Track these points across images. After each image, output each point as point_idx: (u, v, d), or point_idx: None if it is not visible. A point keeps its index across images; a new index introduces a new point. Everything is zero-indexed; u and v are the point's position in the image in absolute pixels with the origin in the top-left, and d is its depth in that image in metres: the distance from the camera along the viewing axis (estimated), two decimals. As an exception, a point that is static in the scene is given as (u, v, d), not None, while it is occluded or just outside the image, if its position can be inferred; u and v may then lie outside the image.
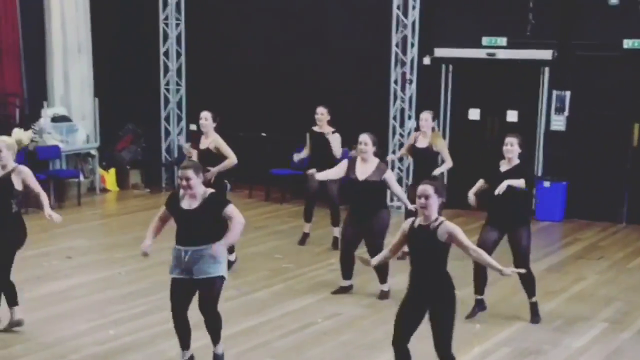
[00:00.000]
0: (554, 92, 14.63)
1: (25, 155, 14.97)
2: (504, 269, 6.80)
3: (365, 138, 9.83)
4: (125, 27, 17.57)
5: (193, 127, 17.47)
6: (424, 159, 11.48)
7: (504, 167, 9.19)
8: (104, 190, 16.87)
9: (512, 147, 9.11)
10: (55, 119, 15.95)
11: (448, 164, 11.44)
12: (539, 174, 14.78)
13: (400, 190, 10.22)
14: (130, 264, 11.22)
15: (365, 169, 9.80)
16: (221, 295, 7.42)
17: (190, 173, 7.16)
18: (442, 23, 15.02)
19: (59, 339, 8.43)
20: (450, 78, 15.36)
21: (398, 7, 15.03)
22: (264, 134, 16.61)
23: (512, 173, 9.03)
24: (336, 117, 12.48)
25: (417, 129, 11.87)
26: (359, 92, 15.53)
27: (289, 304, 9.79)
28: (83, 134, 16.49)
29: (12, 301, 8.47)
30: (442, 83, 15.36)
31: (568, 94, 14.56)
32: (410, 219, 6.84)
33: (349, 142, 14.79)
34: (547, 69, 14.61)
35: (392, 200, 14.17)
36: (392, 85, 15.29)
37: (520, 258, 9.14)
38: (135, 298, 9.78)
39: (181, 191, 7.28)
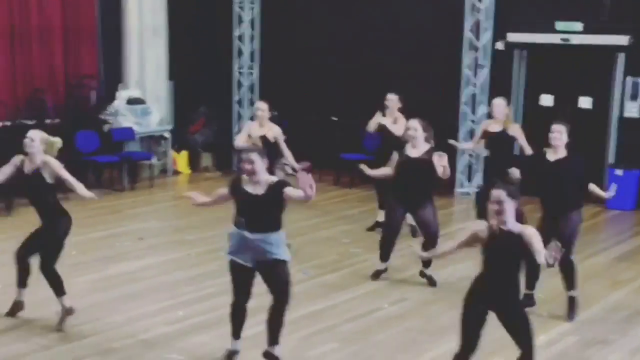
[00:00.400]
0: (628, 79, 14.37)
1: (100, 137, 15.31)
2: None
3: (414, 124, 9.68)
4: (200, 11, 17.74)
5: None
6: (499, 145, 11.01)
7: (551, 156, 8.88)
8: (176, 172, 17.09)
9: (560, 135, 8.85)
10: (130, 101, 16.17)
11: (527, 150, 10.88)
12: (612, 161, 14.56)
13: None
14: (200, 246, 11.40)
15: (415, 153, 9.69)
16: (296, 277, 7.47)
17: (255, 156, 7.08)
18: (515, 8, 14.84)
19: (129, 319, 8.60)
20: (524, 63, 15.20)
21: (472, -8, 14.93)
22: (334, 118, 16.65)
23: (564, 163, 8.79)
24: (407, 103, 12.42)
25: (490, 116, 11.48)
26: (430, 77, 15.45)
27: (356, 288, 9.84)
28: (157, 116, 16.70)
29: (60, 291, 8.42)
30: (515, 68, 15.20)
31: (643, 80, 14.31)
32: (484, 222, 6.52)
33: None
34: (622, 55, 14.33)
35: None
36: (465, 70, 15.19)
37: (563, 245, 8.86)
38: (203, 280, 9.92)
39: (244, 176, 7.17)
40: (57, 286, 8.33)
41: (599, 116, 14.61)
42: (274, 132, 11.18)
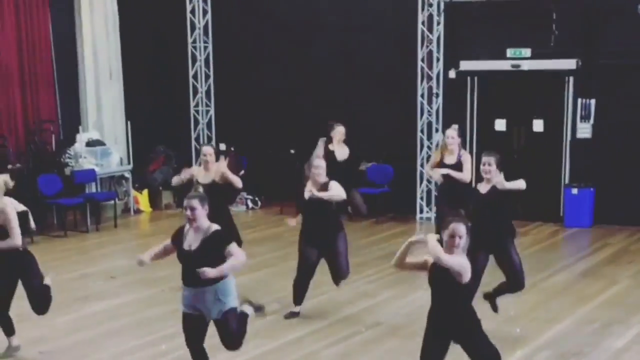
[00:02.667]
0: (579, 100, 14.86)
1: (62, 180, 15.38)
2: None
3: (317, 164, 9.82)
4: (154, 52, 17.99)
5: (223, 146, 17.86)
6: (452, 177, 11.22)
7: (482, 188, 8.92)
8: (138, 211, 17.22)
9: (489, 167, 8.81)
10: (90, 144, 16.32)
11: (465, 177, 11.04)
12: (567, 181, 15.01)
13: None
14: (173, 281, 11.39)
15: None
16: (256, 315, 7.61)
17: (195, 203, 7.03)
18: (466, 37, 15.28)
19: (114, 355, 8.72)
20: (476, 90, 15.63)
21: (423, 23, 15.35)
22: (292, 151, 16.89)
23: (493, 194, 8.79)
24: (365, 132, 12.74)
25: (445, 146, 11.47)
26: (387, 107, 15.82)
27: (332, 315, 10.04)
28: (116, 157, 16.86)
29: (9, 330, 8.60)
30: (468, 95, 15.62)
31: (593, 101, 14.77)
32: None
33: (377, 157, 15.16)
34: (571, 78, 14.85)
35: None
36: (419, 99, 15.58)
37: (515, 275, 8.92)
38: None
39: (186, 226, 7.17)
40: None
41: (553, 138, 15.08)
42: (221, 168, 11.01)
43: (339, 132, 13.55)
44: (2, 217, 8.31)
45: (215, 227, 7.13)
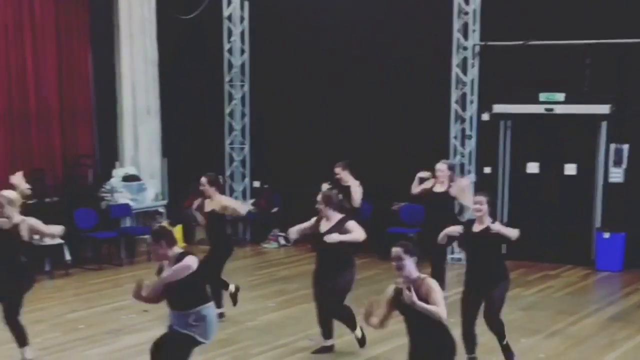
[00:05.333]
0: (612, 145, 14.91)
1: (98, 214, 15.61)
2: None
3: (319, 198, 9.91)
4: (191, 90, 18.23)
5: (257, 184, 18.05)
6: (439, 203, 12.05)
7: (476, 227, 8.97)
8: (172, 246, 17.33)
9: (481, 207, 8.92)
10: (126, 178, 16.57)
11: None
12: (598, 225, 15.01)
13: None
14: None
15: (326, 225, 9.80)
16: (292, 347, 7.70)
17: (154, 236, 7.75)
18: (500, 80, 15.37)
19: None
20: (509, 133, 15.71)
21: (457, 65, 15.48)
22: (325, 187, 16.92)
23: (485, 234, 8.84)
24: (397, 172, 12.85)
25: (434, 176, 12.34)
26: (420, 147, 15.89)
27: (362, 352, 10.09)
28: (152, 192, 17.08)
29: (23, 341, 8.90)
30: (501, 138, 15.71)
31: (626, 147, 14.81)
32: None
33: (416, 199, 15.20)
34: (604, 123, 14.89)
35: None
36: (452, 140, 15.69)
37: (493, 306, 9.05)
38: (215, 348, 10.10)
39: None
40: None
41: (585, 182, 15.10)
42: (222, 202, 11.57)
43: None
44: (27, 226, 8.61)
45: (181, 252, 7.72)
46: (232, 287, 11.43)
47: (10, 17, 14.95)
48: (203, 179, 11.59)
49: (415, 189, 12.51)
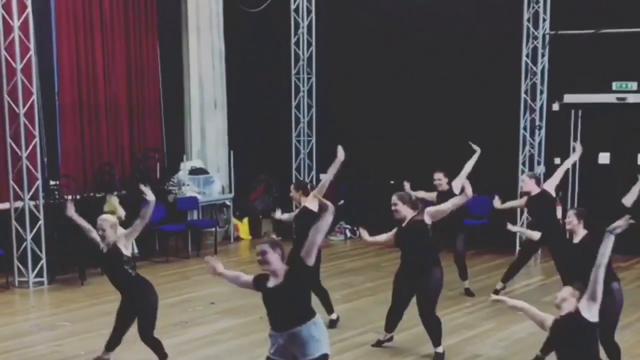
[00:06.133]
0: (686, 135, 14.58)
1: (165, 207, 15.71)
2: None
3: (393, 199, 9.58)
4: (258, 83, 18.27)
5: (323, 177, 17.97)
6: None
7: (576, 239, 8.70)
8: (238, 238, 17.47)
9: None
10: (193, 172, 16.67)
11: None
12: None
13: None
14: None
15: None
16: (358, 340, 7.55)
17: (266, 247, 6.81)
18: (570, 69, 15.11)
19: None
20: (580, 123, 15.44)
21: (527, 55, 15.27)
22: (392, 182, 16.89)
23: (583, 246, 8.54)
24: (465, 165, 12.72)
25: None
26: (489, 138, 15.68)
27: (428, 346, 9.99)
28: (218, 185, 17.18)
29: (163, 355, 8.89)
30: (572, 128, 15.45)
31: (700, 136, 14.48)
32: None
33: (479, 188, 14.98)
34: (678, 112, 14.57)
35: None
36: (522, 131, 15.47)
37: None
38: (280, 341, 10.12)
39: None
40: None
41: (657, 172, 14.75)
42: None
43: None
44: (123, 240, 8.64)
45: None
46: None
47: (80, 12, 15.10)
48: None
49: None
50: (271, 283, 6.85)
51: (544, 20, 15.30)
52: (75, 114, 15.21)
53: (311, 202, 10.81)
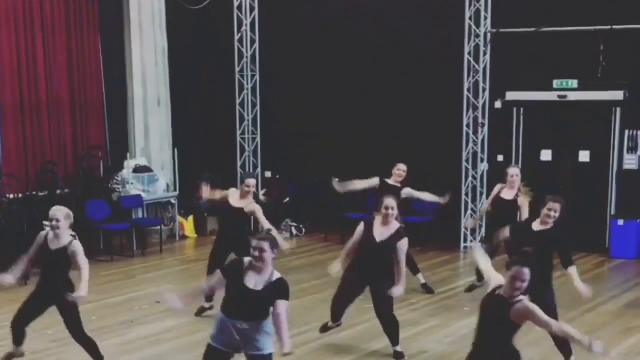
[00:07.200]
0: (627, 132, 14.79)
1: (110, 206, 15.58)
2: None
3: (391, 203, 9.36)
4: (202, 81, 18.20)
5: (268, 174, 18.02)
6: (507, 211, 11.57)
7: (537, 226, 8.88)
8: (184, 237, 17.38)
9: (555, 214, 8.76)
10: (137, 170, 16.53)
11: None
12: (613, 212, 14.91)
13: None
14: (217, 307, 11.54)
15: (383, 232, 9.41)
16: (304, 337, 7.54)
17: (266, 245, 6.78)
18: (512, 67, 15.27)
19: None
20: (522, 120, 15.61)
21: (469, 53, 15.40)
22: (337, 179, 16.90)
23: (545, 235, 8.75)
24: (410, 161, 12.77)
25: (504, 182, 11.90)
26: (432, 136, 15.85)
27: (374, 343, 10.05)
28: (163, 183, 17.05)
29: (97, 355, 8.75)
30: (514, 125, 15.62)
31: (640, 133, 14.73)
32: None
33: (421, 188, 15.15)
34: (618, 109, 14.78)
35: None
36: (465, 129, 15.60)
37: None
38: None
39: (245, 261, 6.88)
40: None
41: (599, 169, 15.00)
42: (256, 211, 11.17)
43: None
44: (72, 251, 8.41)
45: (279, 275, 6.89)
46: None
47: (20, 9, 14.90)
48: (252, 181, 11.34)
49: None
50: (250, 280, 6.81)
51: (486, 18, 15.44)
52: (16, 112, 14.99)
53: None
